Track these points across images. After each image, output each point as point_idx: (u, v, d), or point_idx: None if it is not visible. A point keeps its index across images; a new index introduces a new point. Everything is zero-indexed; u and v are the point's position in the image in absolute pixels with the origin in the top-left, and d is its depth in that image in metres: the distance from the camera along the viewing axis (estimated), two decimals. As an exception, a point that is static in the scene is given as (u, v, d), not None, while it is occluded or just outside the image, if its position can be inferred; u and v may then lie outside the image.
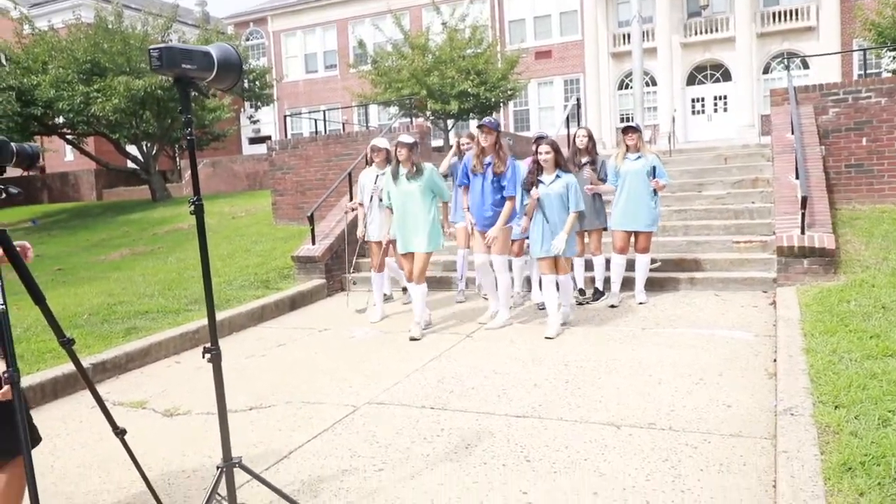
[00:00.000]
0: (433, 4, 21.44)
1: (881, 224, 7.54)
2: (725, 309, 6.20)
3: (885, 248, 6.65)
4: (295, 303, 7.57)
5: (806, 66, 23.24)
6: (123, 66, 17.39)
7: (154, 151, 20.25)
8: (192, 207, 2.66)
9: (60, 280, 9.08)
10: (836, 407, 3.37)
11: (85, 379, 2.81)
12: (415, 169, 5.84)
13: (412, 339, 5.78)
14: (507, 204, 5.79)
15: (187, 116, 2.63)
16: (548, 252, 5.55)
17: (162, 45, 2.53)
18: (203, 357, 2.72)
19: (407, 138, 5.83)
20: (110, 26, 18.48)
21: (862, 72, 21.12)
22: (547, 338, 5.54)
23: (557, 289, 5.73)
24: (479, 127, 5.80)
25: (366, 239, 6.83)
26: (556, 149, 5.59)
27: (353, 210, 7.57)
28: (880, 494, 2.57)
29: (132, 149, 20.42)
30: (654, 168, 6.36)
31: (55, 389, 4.73)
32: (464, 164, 6.14)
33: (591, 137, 6.76)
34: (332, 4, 31.26)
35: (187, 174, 23.18)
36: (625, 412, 3.88)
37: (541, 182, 5.57)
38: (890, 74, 16.57)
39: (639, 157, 6.43)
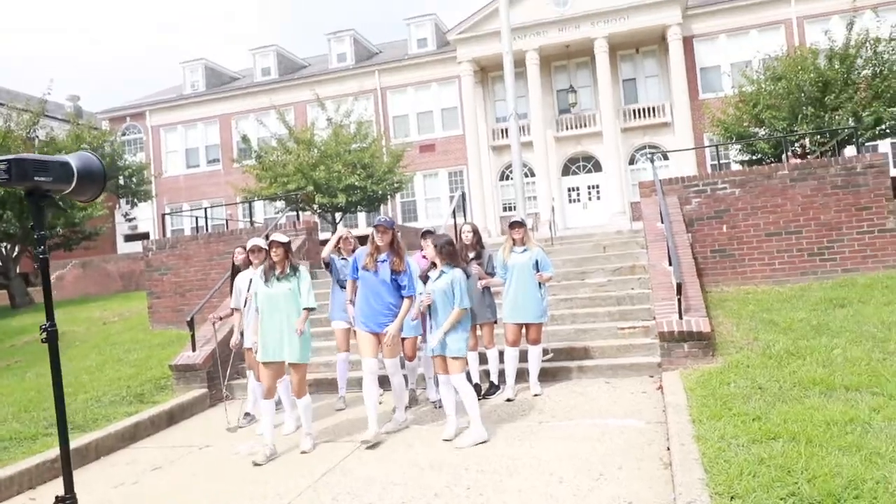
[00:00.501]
0: (318, 101, 21.78)
1: (747, 305, 8.09)
2: (616, 396, 6.30)
3: (754, 328, 7.10)
4: (173, 417, 6.97)
5: (666, 157, 25.39)
6: (-19, 163, 16.18)
7: (15, 254, 18.73)
8: (44, 335, 2.38)
9: None
10: (731, 498, 3.42)
11: None
12: (289, 269, 5.52)
13: (303, 452, 5.42)
14: (406, 303, 5.56)
15: (40, 233, 2.39)
16: (433, 351, 5.41)
17: (11, 156, 2.31)
18: (55, 509, 2.37)
19: (281, 237, 5.52)
20: (-32, 122, 17.32)
21: (715, 162, 23.35)
22: (445, 440, 5.36)
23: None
24: (375, 227, 5.56)
25: (244, 347, 6.46)
26: (440, 244, 5.44)
27: (220, 319, 7.10)
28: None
29: (-11, 251, 18.77)
30: (537, 261, 6.53)
31: None
32: (354, 259, 5.87)
33: (476, 232, 6.86)
34: (214, 100, 31.07)
35: (54, 275, 21.53)
36: (529, 519, 3.75)
37: (428, 277, 5.52)
38: (739, 166, 18.39)
39: (525, 251, 6.58)
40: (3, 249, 18.45)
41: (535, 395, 6.54)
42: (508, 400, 6.45)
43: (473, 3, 49.91)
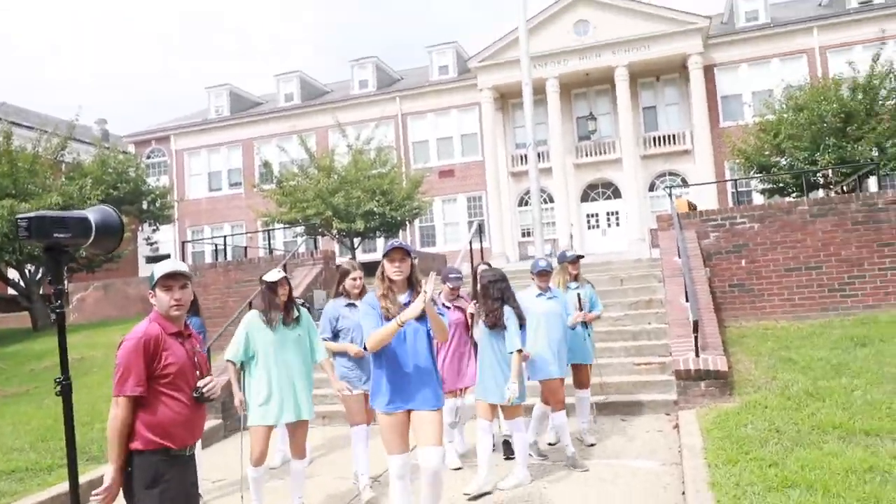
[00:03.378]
0: (339, 126, 22.04)
1: (766, 342, 7.97)
2: (632, 434, 6.23)
3: (773, 367, 6.99)
4: (187, 447, 6.97)
5: (686, 185, 25.26)
6: (9, 188, 16.53)
7: (38, 276, 19.05)
8: (58, 388, 2.43)
9: (-87, 432, 8.03)
10: (744, 552, 3.35)
11: None
12: (295, 313, 4.87)
13: None
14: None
15: (58, 288, 2.45)
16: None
17: (32, 214, 2.37)
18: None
19: (279, 275, 4.79)
20: (-2, 146, 17.70)
21: (734, 190, 23.16)
22: (465, 494, 5.05)
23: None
24: (387, 255, 3.81)
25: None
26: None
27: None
28: None
29: (13, 273, 19.11)
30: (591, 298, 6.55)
31: None
32: (368, 309, 3.79)
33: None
34: (237, 125, 31.58)
35: (76, 297, 21.83)
36: (538, 568, 3.70)
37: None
38: (761, 196, 18.24)
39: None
40: (27, 272, 18.76)
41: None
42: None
43: (496, 32, 50.51)
